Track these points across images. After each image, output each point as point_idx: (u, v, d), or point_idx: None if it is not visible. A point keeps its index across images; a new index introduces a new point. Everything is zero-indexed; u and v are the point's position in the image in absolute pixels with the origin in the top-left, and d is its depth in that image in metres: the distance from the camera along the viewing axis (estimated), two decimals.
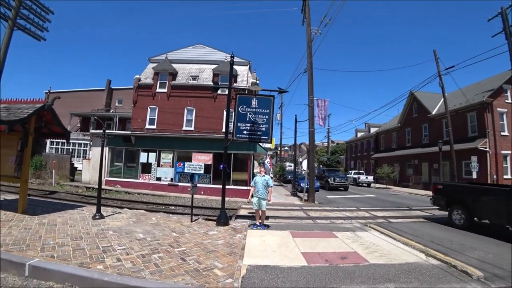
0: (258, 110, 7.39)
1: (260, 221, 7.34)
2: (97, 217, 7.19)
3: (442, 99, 27.94)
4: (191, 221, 7.61)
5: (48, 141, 27.65)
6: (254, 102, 7.38)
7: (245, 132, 7.46)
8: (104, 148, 16.87)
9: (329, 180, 22.71)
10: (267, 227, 7.33)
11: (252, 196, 7.42)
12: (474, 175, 17.74)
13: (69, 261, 4.23)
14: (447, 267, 4.78)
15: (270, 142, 7.79)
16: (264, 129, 7.45)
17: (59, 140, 27.55)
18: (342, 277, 4.17)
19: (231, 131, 7.69)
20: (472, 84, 26.54)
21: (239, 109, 7.38)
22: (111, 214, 7.98)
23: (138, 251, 4.85)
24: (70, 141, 28.09)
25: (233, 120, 7.48)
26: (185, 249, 5.07)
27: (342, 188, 22.72)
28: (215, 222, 7.47)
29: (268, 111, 7.45)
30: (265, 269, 4.31)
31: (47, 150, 26.95)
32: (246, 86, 17.11)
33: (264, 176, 7.41)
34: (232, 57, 7.63)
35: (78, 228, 6.18)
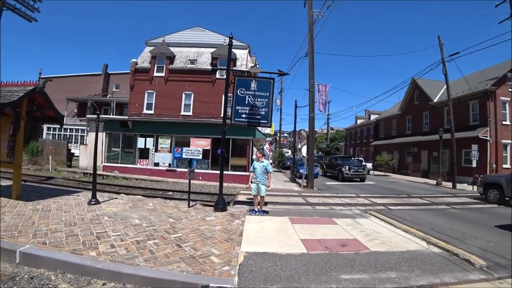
0: (257, 93, 7.10)
1: (258, 206, 7.23)
2: (93, 202, 7.06)
3: (444, 87, 27.50)
4: (189, 206, 7.49)
5: (45, 126, 27.33)
6: (253, 85, 7.08)
7: (243, 115, 7.20)
8: (101, 133, 16.70)
9: (343, 169, 18.95)
10: (266, 213, 7.22)
11: (251, 182, 7.27)
12: (474, 164, 17.61)
13: (61, 247, 4.11)
14: (448, 255, 4.68)
15: (270, 126, 7.56)
16: (263, 112, 7.19)
17: (56, 126, 27.21)
18: (343, 265, 4.06)
19: (230, 115, 7.44)
20: (476, 72, 26.03)
21: (238, 92, 7.09)
22: (107, 200, 7.85)
23: (133, 237, 4.73)
24: (68, 126, 27.81)
25: (231, 104, 7.21)
26: (181, 235, 4.95)
27: (358, 179, 19.26)
28: (212, 208, 7.36)
29: (267, 94, 7.16)
30: (263, 256, 4.20)
31: (44, 136, 26.66)
32: (246, 64, 16.59)
33: (262, 162, 7.21)
34: (230, 37, 7.26)
35: (73, 214, 6.05)
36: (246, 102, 7.12)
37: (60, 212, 6.09)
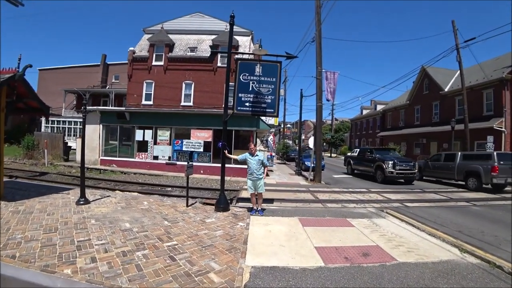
0: (262, 78, 6.28)
1: (256, 205, 6.50)
2: (81, 202, 6.41)
3: (456, 76, 26.39)
4: (187, 205, 6.82)
5: (43, 119, 26.65)
6: (257, 69, 6.24)
7: (247, 104, 6.39)
8: (98, 125, 15.99)
9: (384, 165, 13.62)
10: (263, 210, 6.50)
11: (248, 175, 6.52)
12: None
13: (32, 262, 3.45)
14: (489, 268, 3.96)
15: (277, 116, 6.74)
16: (269, 100, 6.37)
17: (54, 119, 26.57)
18: (369, 282, 3.35)
19: (232, 104, 6.64)
20: (490, 60, 24.75)
21: (241, 77, 6.27)
22: (99, 198, 7.21)
23: (120, 246, 4.05)
24: (66, 119, 27.13)
25: (233, 91, 6.41)
26: (176, 243, 4.27)
27: (403, 181, 14.06)
28: (213, 207, 6.68)
29: (274, 79, 6.33)
30: (273, 272, 3.50)
31: (42, 129, 26.02)
32: (248, 52, 15.53)
33: (257, 155, 6.38)
34: (232, 16, 6.42)
35: (56, 216, 5.39)
36: (250, 88, 6.30)
37: (42, 215, 5.44)
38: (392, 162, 13.66)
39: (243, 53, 10.60)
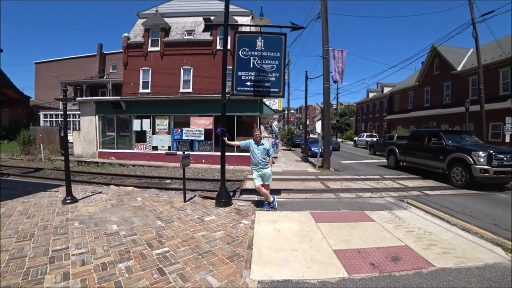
0: (265, 53, 5.43)
1: (266, 198, 5.79)
2: (68, 201, 5.78)
3: (469, 54, 24.98)
4: (184, 201, 6.17)
5: (41, 113, 26.07)
6: (259, 43, 5.39)
7: (248, 83, 5.57)
8: (94, 116, 15.32)
9: (472, 160, 8.21)
10: (270, 204, 5.83)
11: (252, 166, 5.79)
12: (507, 139, 15.75)
13: None
14: None
15: (282, 96, 5.84)
16: (273, 78, 5.54)
17: (52, 112, 25.97)
18: None
19: (231, 86, 5.83)
20: (506, 36, 23.19)
21: (240, 53, 5.42)
22: (89, 195, 6.59)
23: (101, 256, 3.40)
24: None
25: (232, 69, 5.58)
26: (168, 250, 3.61)
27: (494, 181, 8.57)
28: (214, 201, 6.02)
29: (278, 54, 5.47)
30: None
31: (41, 124, 25.44)
32: (249, 24, 14.35)
33: (262, 143, 5.63)
34: None
35: (37, 219, 4.77)
36: (251, 65, 5.46)
37: (21, 218, 4.82)
38: (485, 154, 8.07)
39: (241, 25, 9.61)
